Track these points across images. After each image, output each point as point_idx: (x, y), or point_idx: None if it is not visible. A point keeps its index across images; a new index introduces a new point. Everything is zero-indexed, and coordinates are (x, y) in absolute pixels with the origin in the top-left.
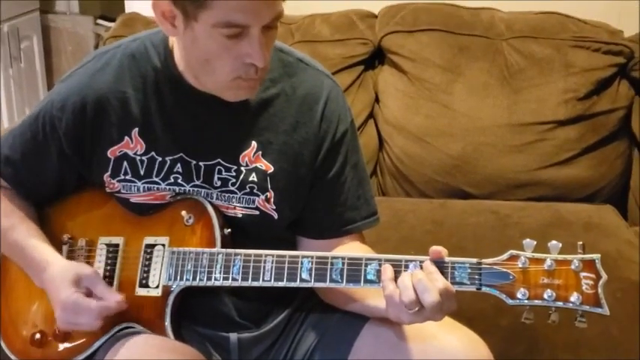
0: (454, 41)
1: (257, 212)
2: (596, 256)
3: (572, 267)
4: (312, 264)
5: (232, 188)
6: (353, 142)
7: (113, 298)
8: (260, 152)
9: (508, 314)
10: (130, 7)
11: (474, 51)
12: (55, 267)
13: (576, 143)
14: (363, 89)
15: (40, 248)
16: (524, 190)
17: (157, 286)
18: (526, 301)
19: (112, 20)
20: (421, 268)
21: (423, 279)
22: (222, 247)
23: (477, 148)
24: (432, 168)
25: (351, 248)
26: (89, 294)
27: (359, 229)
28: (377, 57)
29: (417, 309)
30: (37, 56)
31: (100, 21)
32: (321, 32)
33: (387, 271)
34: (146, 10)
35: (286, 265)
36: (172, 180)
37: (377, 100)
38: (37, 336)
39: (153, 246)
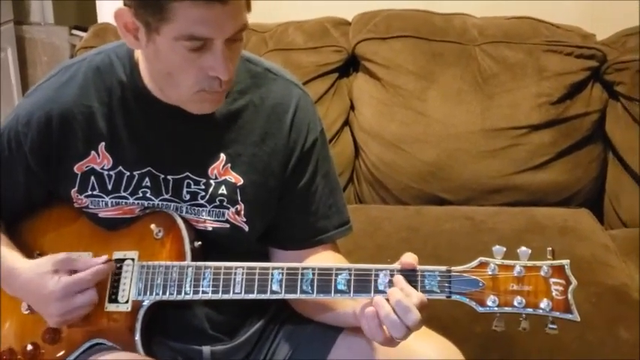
0: (427, 47)
1: (227, 225)
2: (565, 261)
3: (542, 273)
4: (282, 275)
5: (202, 202)
6: (323, 151)
7: (99, 261)
8: (229, 165)
9: (483, 322)
10: (102, 17)
11: (447, 57)
12: (27, 270)
13: (550, 147)
14: (338, 97)
15: (9, 255)
16: (499, 196)
17: (127, 301)
18: (496, 309)
19: (87, 30)
20: (391, 277)
21: (402, 300)
22: (193, 260)
23: (451, 154)
24: (407, 175)
25: (324, 258)
26: (72, 272)
27: (331, 238)
28: (351, 64)
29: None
30: (11, 68)
31: (75, 31)
32: (295, 40)
33: (374, 319)
34: None
35: (256, 277)
36: (141, 194)
37: (352, 107)
38: (6, 355)
39: (122, 260)
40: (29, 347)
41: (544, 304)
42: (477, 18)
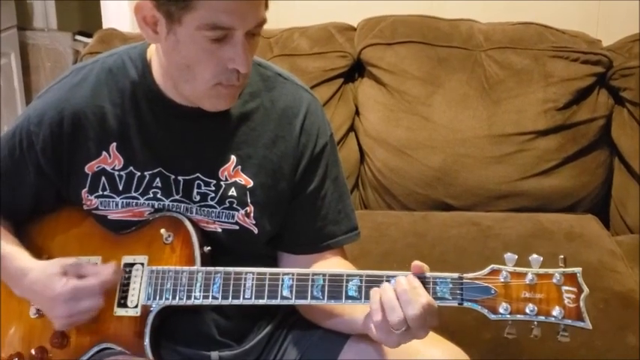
0: (433, 53)
1: (237, 227)
2: (577, 269)
3: (554, 281)
4: (292, 281)
5: (212, 203)
6: (333, 155)
7: (107, 270)
8: (239, 167)
9: (491, 328)
10: (107, 22)
11: (453, 62)
12: (36, 269)
13: (557, 153)
14: (343, 102)
15: (19, 255)
16: (505, 201)
17: (136, 306)
18: (508, 316)
19: (91, 36)
20: None
21: (408, 291)
22: (202, 265)
23: (457, 159)
24: (413, 180)
25: (332, 264)
26: (80, 277)
27: (339, 243)
28: (356, 70)
29: (404, 329)
30: (15, 73)
31: (78, 37)
32: (300, 45)
33: (376, 297)
34: (124, 25)
35: (267, 282)
36: (151, 195)
37: (357, 112)
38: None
39: (131, 265)
40: (37, 351)
41: (556, 311)
42: (483, 23)
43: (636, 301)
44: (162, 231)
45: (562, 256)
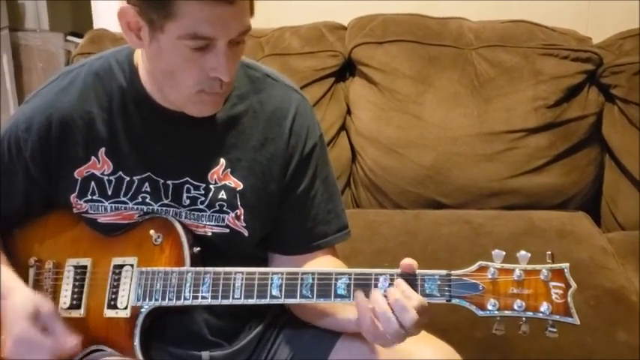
0: (423, 52)
1: (227, 230)
2: (564, 265)
3: (541, 277)
4: (282, 280)
5: (201, 207)
6: (322, 156)
7: (69, 342)
8: (229, 169)
9: (482, 326)
10: (97, 23)
11: (444, 61)
12: (17, 296)
13: (547, 151)
14: (335, 101)
15: (3, 272)
16: (496, 199)
17: (126, 307)
18: (496, 312)
19: (83, 37)
20: (391, 282)
21: (400, 299)
22: (192, 265)
23: (448, 158)
24: (404, 179)
25: (323, 263)
26: (45, 330)
27: (330, 243)
28: (347, 69)
29: (402, 334)
30: (7, 74)
31: (70, 37)
32: (291, 45)
33: (367, 312)
34: (114, 26)
35: (256, 282)
36: (140, 199)
37: (348, 111)
38: None
39: (121, 266)
40: None
41: (544, 307)
42: (473, 22)
43: (627, 298)
44: (152, 232)
45: (549, 252)
